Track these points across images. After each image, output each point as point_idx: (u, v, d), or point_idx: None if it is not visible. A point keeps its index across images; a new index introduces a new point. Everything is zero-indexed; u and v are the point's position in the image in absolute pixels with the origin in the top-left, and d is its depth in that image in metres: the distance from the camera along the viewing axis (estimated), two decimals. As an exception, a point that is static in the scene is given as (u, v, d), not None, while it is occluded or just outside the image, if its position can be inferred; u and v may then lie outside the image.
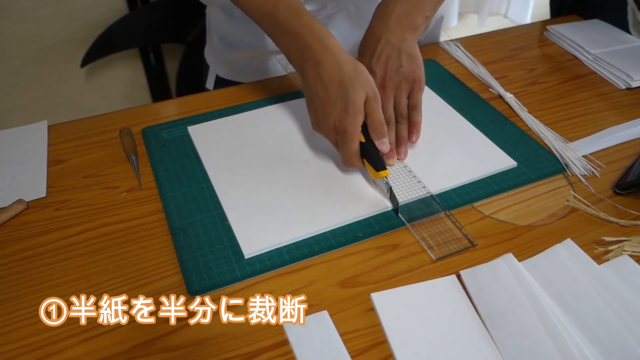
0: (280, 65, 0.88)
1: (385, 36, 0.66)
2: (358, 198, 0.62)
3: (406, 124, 0.68)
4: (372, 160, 0.60)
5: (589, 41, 0.91)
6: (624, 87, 0.83)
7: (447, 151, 0.69)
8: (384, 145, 0.61)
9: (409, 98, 0.68)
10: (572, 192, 0.64)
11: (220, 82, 0.95)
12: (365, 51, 0.68)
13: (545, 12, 1.16)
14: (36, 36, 1.61)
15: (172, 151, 0.70)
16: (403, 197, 0.61)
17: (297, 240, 0.57)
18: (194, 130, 0.73)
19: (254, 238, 0.57)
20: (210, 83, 0.97)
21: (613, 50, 0.89)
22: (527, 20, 2.57)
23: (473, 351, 0.47)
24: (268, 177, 0.65)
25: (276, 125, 0.73)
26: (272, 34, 0.65)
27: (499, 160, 0.67)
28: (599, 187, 0.64)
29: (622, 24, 0.96)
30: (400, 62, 0.66)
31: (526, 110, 0.77)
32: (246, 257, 0.55)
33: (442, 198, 0.62)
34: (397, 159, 0.67)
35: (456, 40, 0.95)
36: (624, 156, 0.69)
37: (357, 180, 0.64)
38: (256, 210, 0.60)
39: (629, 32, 0.95)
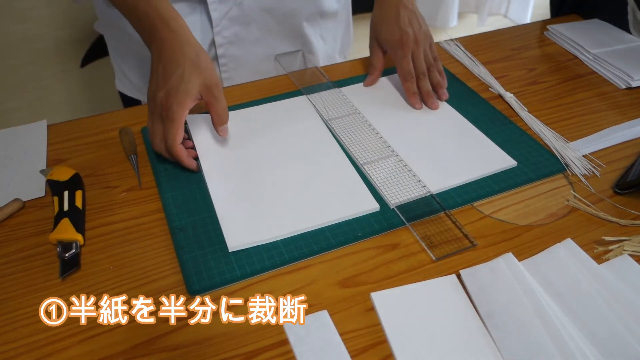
0: (281, 65, 0.89)
1: (402, 2, 0.78)
2: (357, 197, 0.61)
3: (434, 71, 0.78)
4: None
5: (589, 41, 0.91)
6: (624, 87, 0.83)
7: (447, 150, 0.69)
8: (223, 131, 0.66)
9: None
10: (572, 191, 0.64)
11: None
12: (389, 17, 0.77)
13: (545, 12, 1.16)
14: (36, 36, 1.61)
15: (172, 151, 0.70)
16: (403, 197, 0.61)
17: (294, 235, 0.57)
18: (192, 120, 0.72)
19: (243, 233, 0.57)
20: None
21: (613, 50, 0.89)
22: (527, 20, 2.57)
23: (473, 351, 0.47)
24: (267, 177, 0.64)
25: (276, 124, 0.73)
26: (128, 18, 0.67)
27: (499, 160, 0.67)
28: (599, 187, 0.64)
29: (622, 23, 0.96)
30: (419, 22, 0.78)
31: (526, 109, 0.77)
32: (230, 250, 0.55)
33: (442, 197, 0.62)
34: (432, 108, 0.76)
35: (456, 40, 0.95)
36: (624, 156, 0.69)
37: (356, 179, 0.64)
38: (249, 206, 0.60)
39: (629, 32, 0.95)
